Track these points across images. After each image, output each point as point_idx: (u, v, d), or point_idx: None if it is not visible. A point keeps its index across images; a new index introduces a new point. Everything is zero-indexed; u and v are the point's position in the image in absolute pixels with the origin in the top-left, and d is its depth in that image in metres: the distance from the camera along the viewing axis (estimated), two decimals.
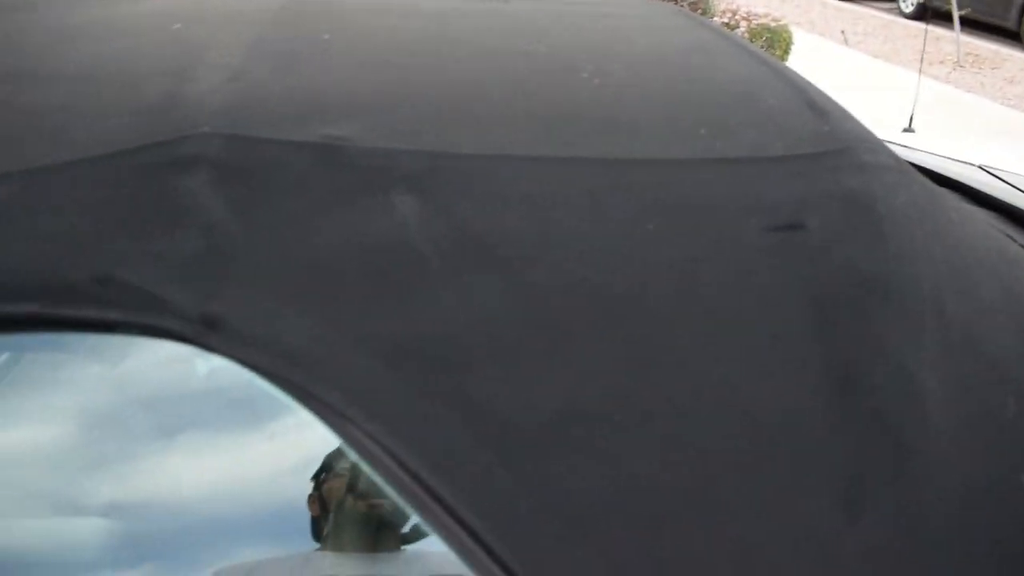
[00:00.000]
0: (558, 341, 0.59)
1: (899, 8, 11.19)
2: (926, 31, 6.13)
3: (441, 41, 0.87)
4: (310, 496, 0.61)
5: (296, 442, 0.59)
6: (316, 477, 0.60)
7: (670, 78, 0.89)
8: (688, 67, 0.93)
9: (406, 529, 0.60)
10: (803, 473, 0.59)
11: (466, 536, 0.54)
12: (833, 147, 0.77)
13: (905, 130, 5.08)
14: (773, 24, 6.22)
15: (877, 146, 0.80)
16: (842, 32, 9.25)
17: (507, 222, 0.62)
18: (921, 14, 10.78)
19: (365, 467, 0.54)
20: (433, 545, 0.54)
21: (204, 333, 0.54)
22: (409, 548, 0.62)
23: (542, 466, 0.55)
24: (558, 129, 0.71)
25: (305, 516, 0.61)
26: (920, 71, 5.45)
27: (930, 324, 0.66)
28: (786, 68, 0.95)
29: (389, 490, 0.54)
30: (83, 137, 0.63)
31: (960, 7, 7.42)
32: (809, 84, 0.90)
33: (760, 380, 0.61)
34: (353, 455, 0.55)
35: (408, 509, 0.54)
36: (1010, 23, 8.98)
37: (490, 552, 0.53)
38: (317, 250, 0.58)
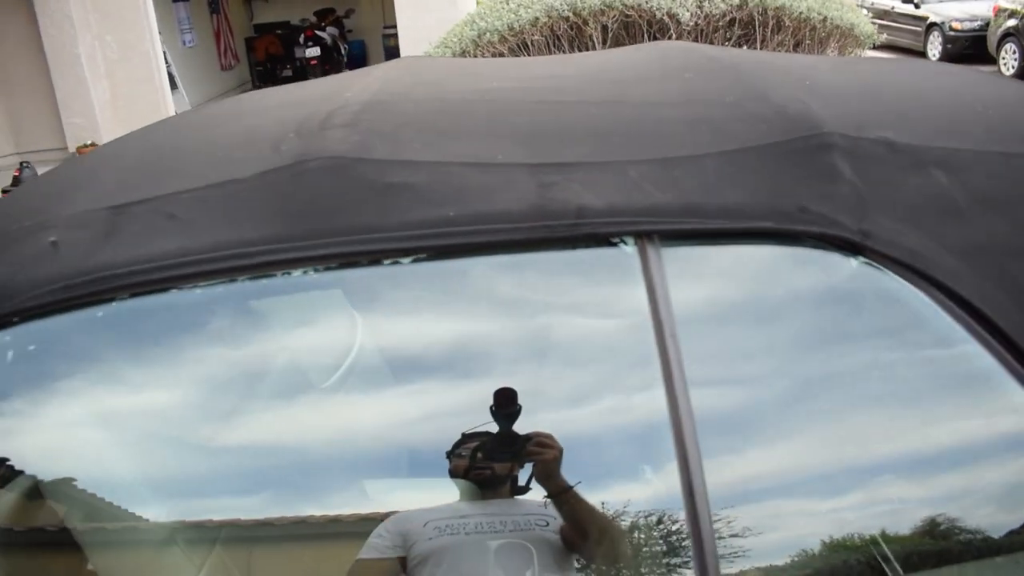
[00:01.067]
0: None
1: (999, 71, 11.44)
2: None
3: (862, 84, 1.30)
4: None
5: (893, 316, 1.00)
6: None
7: (1009, 103, 1.29)
8: (1008, 95, 1.33)
9: None
10: None
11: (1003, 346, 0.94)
12: None
13: None
14: None
15: None
16: None
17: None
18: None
19: (949, 317, 0.95)
20: None
21: (863, 240, 0.96)
22: None
23: None
24: (994, 135, 1.13)
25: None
26: None
27: None
28: None
29: (961, 329, 0.95)
30: (711, 136, 1.06)
31: None
32: None
33: None
34: (941, 310, 0.95)
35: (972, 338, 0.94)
36: None
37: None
38: (899, 195, 1.00)
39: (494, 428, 1.07)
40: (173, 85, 11.46)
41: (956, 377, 1.00)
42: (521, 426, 1.06)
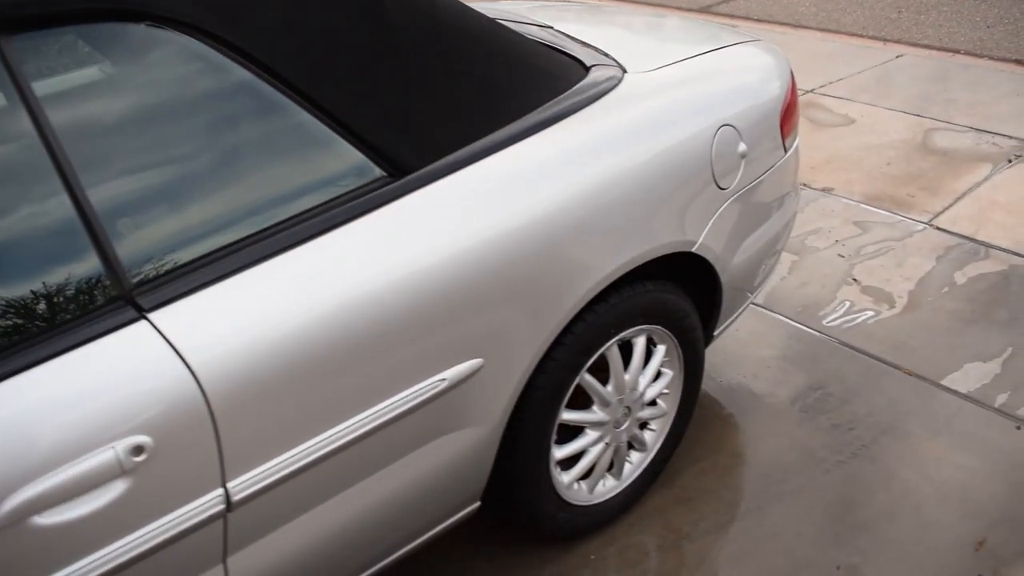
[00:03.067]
0: None
1: None
2: None
3: None
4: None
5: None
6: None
7: None
8: None
9: None
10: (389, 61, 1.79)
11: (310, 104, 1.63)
12: None
13: None
14: None
15: None
16: None
17: None
18: None
19: (216, 53, 1.62)
20: None
21: (145, 10, 1.53)
22: None
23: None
24: None
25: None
26: None
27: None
28: None
29: (226, 59, 1.62)
30: None
31: None
32: None
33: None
34: (204, 46, 1.62)
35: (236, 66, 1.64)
36: None
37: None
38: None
39: None
40: None
41: (242, 95, 1.65)
42: None
